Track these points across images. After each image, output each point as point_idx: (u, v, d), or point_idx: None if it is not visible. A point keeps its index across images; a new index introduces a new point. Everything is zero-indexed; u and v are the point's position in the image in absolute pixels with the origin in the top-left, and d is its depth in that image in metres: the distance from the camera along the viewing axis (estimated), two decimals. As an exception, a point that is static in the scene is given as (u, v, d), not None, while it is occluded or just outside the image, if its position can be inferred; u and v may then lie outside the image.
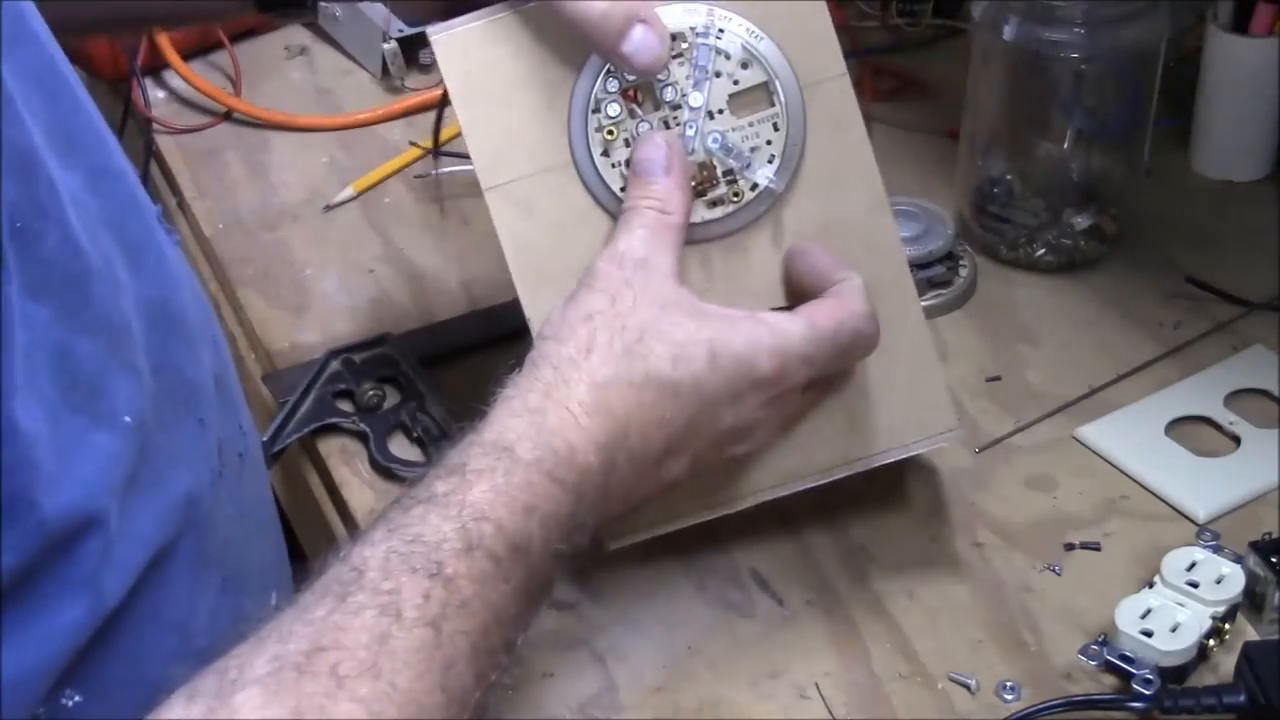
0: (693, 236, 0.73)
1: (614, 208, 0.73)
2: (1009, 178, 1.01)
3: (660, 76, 0.72)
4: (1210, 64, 1.05)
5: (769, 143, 0.73)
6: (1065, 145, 0.99)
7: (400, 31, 1.21)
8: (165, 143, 1.19)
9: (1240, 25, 1.03)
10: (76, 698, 0.60)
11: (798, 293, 0.73)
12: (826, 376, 0.73)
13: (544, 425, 0.64)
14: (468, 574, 0.58)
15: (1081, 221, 0.99)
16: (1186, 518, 0.81)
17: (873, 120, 1.13)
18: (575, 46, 0.72)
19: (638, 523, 0.74)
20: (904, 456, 0.76)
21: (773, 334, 0.69)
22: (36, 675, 0.58)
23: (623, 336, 0.67)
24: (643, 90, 0.72)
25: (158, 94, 1.24)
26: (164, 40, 1.21)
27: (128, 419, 0.62)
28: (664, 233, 0.70)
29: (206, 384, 0.71)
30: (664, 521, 0.75)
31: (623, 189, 0.73)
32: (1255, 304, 0.94)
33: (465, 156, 1.03)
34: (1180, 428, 0.86)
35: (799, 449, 0.75)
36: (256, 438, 0.80)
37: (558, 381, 0.66)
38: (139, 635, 0.63)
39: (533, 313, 0.72)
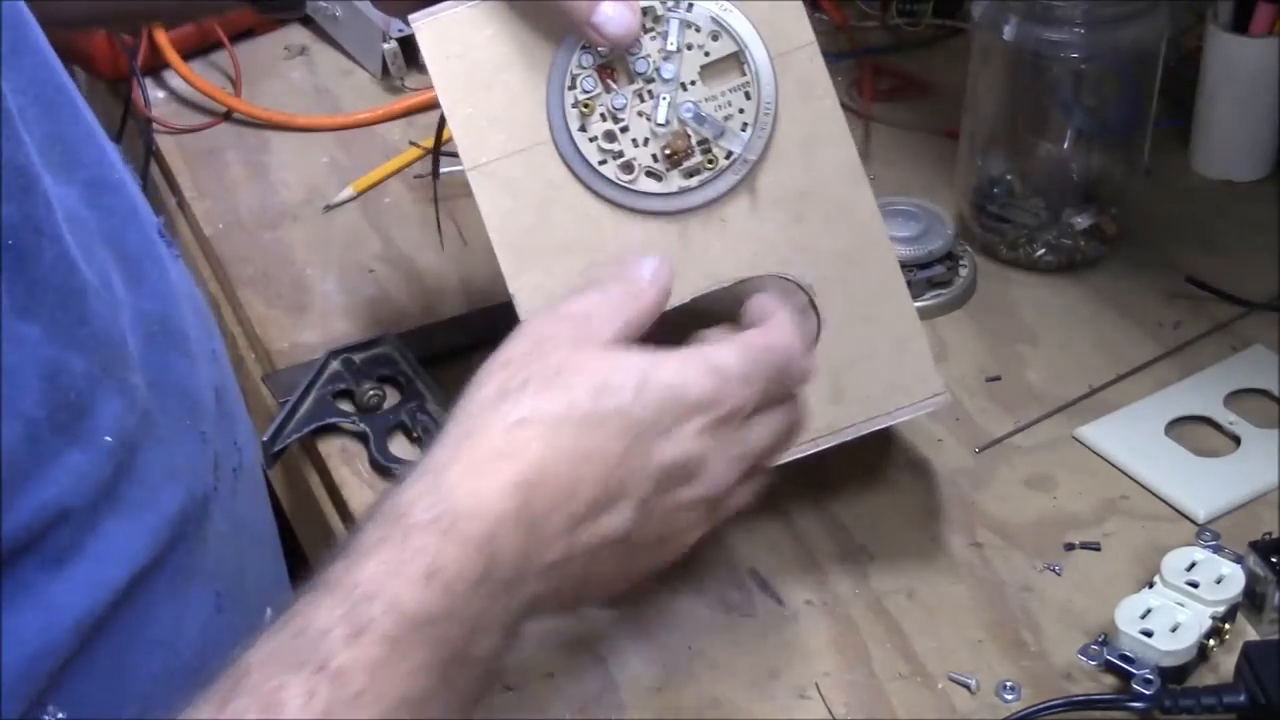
0: (670, 207, 0.74)
1: (591, 181, 0.74)
2: (1009, 177, 1.01)
3: (633, 50, 0.73)
4: (1210, 64, 1.05)
5: (741, 111, 0.74)
6: (1065, 145, 0.99)
7: (400, 31, 1.21)
8: (165, 142, 1.19)
9: (1240, 25, 1.03)
10: (60, 714, 0.59)
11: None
12: (774, 407, 0.67)
13: (444, 481, 0.58)
14: (359, 662, 0.53)
15: (1081, 221, 0.99)
16: (1186, 518, 0.81)
17: (872, 120, 1.15)
18: (553, 27, 0.73)
19: None
20: (891, 424, 0.76)
21: (705, 356, 0.64)
22: (6, 683, 0.57)
23: (542, 375, 0.61)
24: (617, 64, 0.74)
25: (158, 94, 1.24)
26: (164, 40, 1.21)
27: (109, 439, 0.61)
28: (621, 303, 0.66)
29: (206, 397, 0.70)
30: None
31: (600, 162, 0.74)
32: (1255, 304, 0.94)
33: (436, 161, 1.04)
34: (1180, 428, 0.86)
35: None
36: (256, 452, 0.79)
37: (471, 430, 0.60)
38: (122, 651, 0.63)
39: (516, 289, 0.74)
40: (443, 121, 0.87)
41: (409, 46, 1.22)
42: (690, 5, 0.73)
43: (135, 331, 0.64)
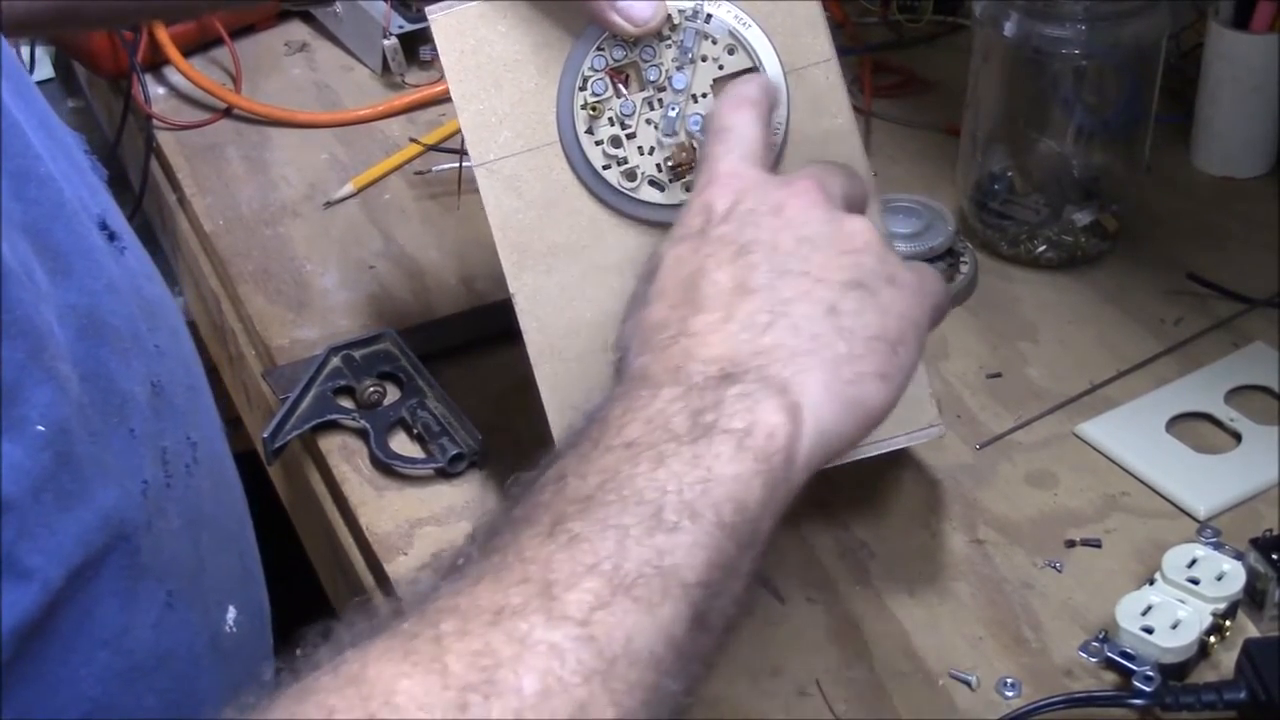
0: (671, 219, 0.72)
1: (594, 185, 0.74)
2: (1010, 174, 1.01)
3: (646, 57, 0.73)
4: (1211, 60, 1.05)
5: None
6: (1066, 141, 0.99)
7: (400, 28, 1.21)
8: (165, 139, 1.19)
9: (1241, 22, 1.03)
10: None
11: None
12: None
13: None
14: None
15: (1082, 218, 0.99)
16: (1187, 514, 0.81)
17: (874, 116, 1.14)
18: (568, 27, 0.73)
19: None
20: (883, 451, 0.75)
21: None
22: None
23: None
24: (629, 70, 0.73)
25: (158, 90, 1.24)
26: (164, 36, 1.21)
27: (41, 428, 0.59)
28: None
29: (138, 393, 0.67)
30: None
31: (604, 167, 0.73)
32: (1256, 301, 0.94)
33: (464, 152, 1.03)
34: (1181, 424, 0.86)
35: None
36: (222, 446, 0.76)
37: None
38: (64, 653, 0.61)
39: (516, 288, 0.74)
40: None
41: (409, 43, 1.22)
42: (709, 17, 0.73)
43: (62, 324, 0.63)
